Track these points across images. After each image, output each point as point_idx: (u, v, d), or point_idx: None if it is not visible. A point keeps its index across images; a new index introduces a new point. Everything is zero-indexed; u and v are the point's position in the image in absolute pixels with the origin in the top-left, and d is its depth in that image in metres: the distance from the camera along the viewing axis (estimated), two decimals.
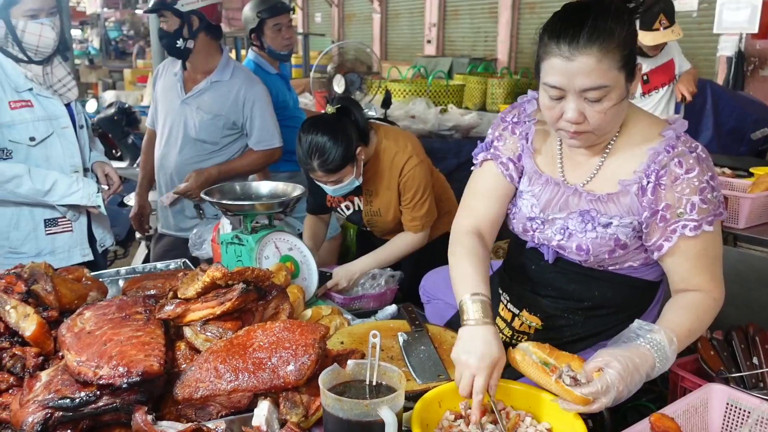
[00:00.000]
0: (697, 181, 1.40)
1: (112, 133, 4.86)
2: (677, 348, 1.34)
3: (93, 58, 17.86)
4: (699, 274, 1.45)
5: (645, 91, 3.63)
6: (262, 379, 1.32)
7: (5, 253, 2.30)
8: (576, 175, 1.54)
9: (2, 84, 2.20)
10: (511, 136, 1.63)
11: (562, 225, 1.54)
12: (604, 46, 1.31)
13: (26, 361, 1.40)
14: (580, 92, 1.34)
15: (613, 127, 1.45)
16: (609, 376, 1.24)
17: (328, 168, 2.20)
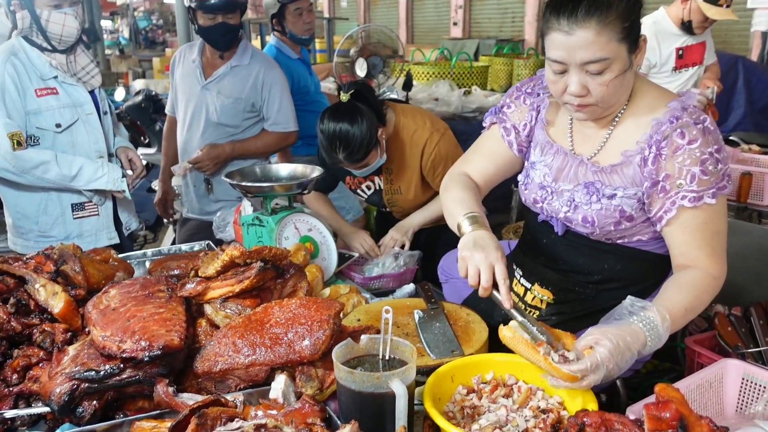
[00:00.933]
0: (699, 152, 1.38)
1: (140, 120, 4.95)
2: (672, 326, 1.32)
3: (123, 48, 18.11)
4: (698, 247, 1.42)
5: (677, 66, 3.58)
6: (278, 353, 1.36)
7: (35, 236, 2.39)
8: (585, 147, 1.56)
9: (28, 73, 2.27)
10: (521, 105, 1.67)
11: (569, 197, 1.56)
12: (602, 18, 1.32)
13: (55, 336, 1.46)
14: (581, 65, 1.36)
15: (619, 99, 1.45)
16: (599, 354, 1.22)
17: (355, 158, 2.25)
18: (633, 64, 1.41)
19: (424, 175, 2.46)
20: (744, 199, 2.40)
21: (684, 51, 3.59)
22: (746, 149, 3.07)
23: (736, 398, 1.44)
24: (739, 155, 2.69)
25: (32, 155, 2.26)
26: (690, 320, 1.43)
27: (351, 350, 1.32)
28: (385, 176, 2.48)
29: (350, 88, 2.31)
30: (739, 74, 5.11)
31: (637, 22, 1.38)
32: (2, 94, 2.22)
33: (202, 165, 2.89)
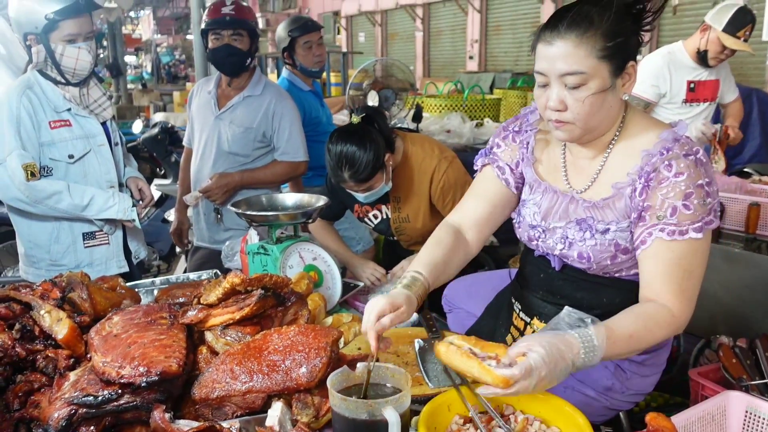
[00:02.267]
0: (684, 186, 1.36)
1: (156, 152, 5.05)
2: (612, 348, 1.29)
3: (146, 82, 18.53)
4: (664, 282, 1.39)
5: (688, 98, 3.58)
6: (275, 380, 1.36)
7: (47, 265, 2.44)
8: (578, 180, 1.55)
9: (43, 105, 2.34)
10: (511, 144, 1.67)
11: (562, 234, 1.54)
12: (582, 32, 1.35)
13: (58, 362, 1.48)
14: (560, 77, 1.38)
15: (600, 122, 1.44)
16: (531, 359, 1.20)
17: (360, 178, 2.27)
18: (617, 88, 1.41)
19: (434, 202, 2.48)
20: (752, 230, 2.38)
21: (696, 85, 3.58)
22: (757, 180, 3.06)
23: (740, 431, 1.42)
24: (747, 186, 2.68)
25: (45, 186, 2.31)
26: (636, 350, 1.39)
27: (347, 378, 1.32)
28: (393, 204, 2.50)
29: (362, 112, 2.36)
30: (754, 106, 5.09)
31: (625, 46, 1.38)
32: (18, 127, 2.29)
33: (211, 194, 2.93)
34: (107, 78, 13.78)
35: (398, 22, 15.63)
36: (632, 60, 1.41)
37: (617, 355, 1.36)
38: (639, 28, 1.42)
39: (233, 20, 2.89)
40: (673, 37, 5.87)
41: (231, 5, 2.91)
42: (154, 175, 5.61)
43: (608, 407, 1.65)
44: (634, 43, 1.41)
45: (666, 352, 1.69)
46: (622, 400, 1.64)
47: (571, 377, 1.56)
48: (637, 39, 1.42)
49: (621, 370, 1.63)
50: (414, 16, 14.55)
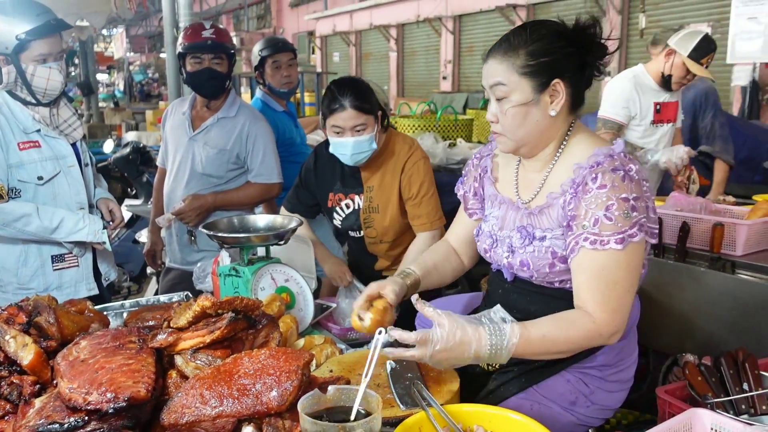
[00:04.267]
0: (606, 197, 1.45)
1: (127, 172, 5.00)
2: (525, 346, 1.42)
3: (118, 101, 18.37)
4: (588, 291, 1.47)
5: (655, 120, 3.67)
6: (245, 404, 1.35)
7: (14, 289, 2.39)
8: (526, 193, 1.66)
9: (11, 126, 2.31)
10: (472, 171, 1.87)
11: (509, 243, 1.65)
12: (507, 51, 1.54)
13: (23, 389, 1.45)
14: (490, 88, 1.57)
15: (527, 134, 1.57)
16: (432, 333, 1.40)
17: (358, 105, 2.33)
18: (542, 104, 1.54)
19: (402, 192, 2.53)
20: (717, 250, 2.43)
21: (661, 106, 3.68)
22: (721, 201, 3.13)
23: None
24: (712, 207, 2.74)
25: (14, 208, 2.28)
26: (554, 353, 1.49)
27: (318, 401, 1.32)
28: (366, 194, 2.55)
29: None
30: None
31: (549, 64, 1.51)
32: None
33: (184, 216, 2.91)
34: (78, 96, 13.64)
35: (372, 43, 15.77)
36: (559, 78, 1.53)
37: (534, 354, 1.48)
38: (581, 51, 1.53)
39: (215, 44, 2.90)
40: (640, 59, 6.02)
41: (211, 29, 2.93)
42: (125, 195, 5.55)
43: (577, 423, 1.68)
44: (568, 65, 1.52)
45: (632, 368, 1.73)
46: (589, 415, 1.67)
47: (533, 392, 1.62)
48: (575, 61, 1.53)
49: (583, 384, 1.67)
50: (388, 36, 14.70)
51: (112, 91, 22.14)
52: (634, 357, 1.74)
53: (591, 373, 1.66)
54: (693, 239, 2.56)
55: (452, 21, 12.68)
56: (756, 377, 1.68)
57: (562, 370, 1.65)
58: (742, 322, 2.32)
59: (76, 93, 14.12)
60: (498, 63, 1.55)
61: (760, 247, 2.51)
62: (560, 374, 1.66)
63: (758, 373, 1.69)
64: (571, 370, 1.66)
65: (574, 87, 1.56)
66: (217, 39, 2.90)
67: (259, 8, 20.77)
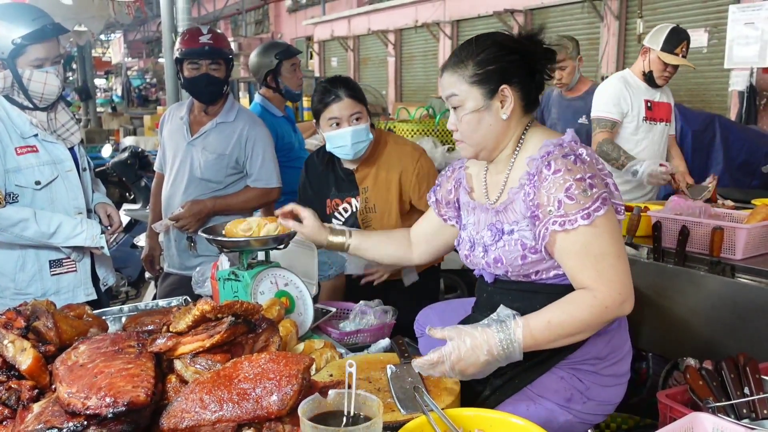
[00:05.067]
0: (563, 180, 1.52)
1: (125, 176, 4.99)
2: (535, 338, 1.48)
3: (116, 106, 18.38)
4: (581, 271, 1.52)
5: (647, 116, 3.71)
6: (246, 409, 1.35)
7: (12, 294, 2.38)
8: (493, 193, 1.74)
9: (8, 131, 2.31)
10: (446, 182, 1.95)
11: (484, 243, 1.70)
12: (456, 63, 1.66)
13: (21, 393, 1.45)
14: (447, 99, 1.69)
15: (482, 138, 1.67)
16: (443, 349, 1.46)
17: (352, 94, 2.42)
18: (493, 108, 1.64)
19: (407, 192, 2.58)
20: (716, 254, 2.43)
21: (652, 104, 3.72)
22: (720, 204, 3.13)
23: None
24: (711, 210, 2.74)
25: (11, 213, 2.27)
26: (565, 336, 1.52)
27: (318, 405, 1.31)
28: (362, 195, 2.58)
29: None
30: (717, 132, 5.22)
31: (495, 72, 1.62)
32: None
33: (183, 222, 2.90)
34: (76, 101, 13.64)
35: (370, 48, 15.78)
36: (506, 84, 1.63)
37: (546, 343, 1.51)
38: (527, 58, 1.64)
39: (212, 50, 2.89)
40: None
41: (208, 34, 2.92)
42: (124, 199, 5.54)
43: (576, 421, 1.67)
44: (514, 71, 1.63)
45: (626, 360, 1.73)
46: (588, 412, 1.68)
47: (529, 392, 1.61)
48: (521, 68, 1.63)
49: (577, 380, 1.67)
50: (386, 41, 14.71)
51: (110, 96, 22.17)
52: (627, 349, 1.74)
53: (583, 368, 1.68)
54: (692, 243, 2.56)
55: (450, 26, 12.70)
56: (757, 381, 1.67)
57: (553, 366, 1.67)
58: (742, 325, 2.32)
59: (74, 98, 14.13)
60: (450, 75, 1.67)
61: (759, 251, 2.51)
62: (552, 371, 1.66)
63: (759, 377, 1.69)
64: (562, 366, 1.67)
65: (523, 91, 1.66)
66: (214, 44, 2.89)
67: (257, 13, 20.80)
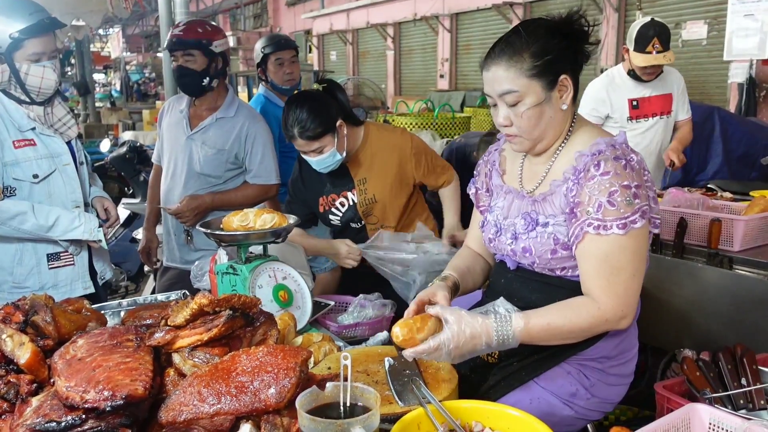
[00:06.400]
0: (609, 184, 1.48)
1: (124, 171, 4.99)
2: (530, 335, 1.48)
3: (115, 101, 18.34)
4: (593, 277, 1.51)
5: (632, 116, 3.65)
6: (243, 402, 1.35)
7: (9, 288, 2.38)
8: (530, 183, 1.70)
9: (6, 125, 2.30)
10: (481, 167, 1.90)
11: (513, 230, 1.67)
12: (511, 57, 1.55)
13: (20, 387, 1.45)
14: (499, 97, 1.58)
15: (543, 132, 1.60)
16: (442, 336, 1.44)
17: (308, 135, 2.40)
18: (554, 100, 1.57)
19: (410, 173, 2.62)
20: (714, 246, 2.44)
21: (639, 102, 3.66)
22: (719, 197, 3.13)
23: None
24: (710, 203, 2.74)
25: (9, 206, 2.27)
26: (560, 339, 1.52)
27: (316, 398, 1.32)
28: (359, 188, 2.58)
29: (324, 83, 2.61)
30: (716, 124, 5.22)
31: (554, 62, 1.54)
32: None
33: (182, 216, 2.90)
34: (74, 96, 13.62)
35: (369, 41, 15.75)
36: (565, 73, 1.56)
37: (541, 341, 1.53)
38: (574, 43, 1.56)
39: (179, 41, 2.88)
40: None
41: (182, 26, 2.93)
42: (122, 194, 5.54)
43: (576, 417, 1.68)
44: (567, 58, 1.55)
45: (632, 362, 1.73)
46: (588, 408, 1.68)
47: (534, 385, 1.62)
48: (572, 53, 1.57)
49: (584, 376, 1.68)
50: (385, 35, 14.68)
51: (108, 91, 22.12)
52: (635, 352, 1.75)
53: (591, 365, 1.68)
54: (690, 235, 2.56)
55: (449, 19, 12.66)
56: (754, 372, 1.68)
57: (561, 361, 1.66)
58: (740, 317, 2.32)
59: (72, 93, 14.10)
60: (504, 70, 1.55)
61: (757, 243, 2.52)
62: (560, 366, 1.67)
63: (756, 368, 1.69)
64: (571, 362, 1.66)
65: (574, 78, 1.59)
66: (183, 36, 2.87)
67: (255, 7, 20.73)
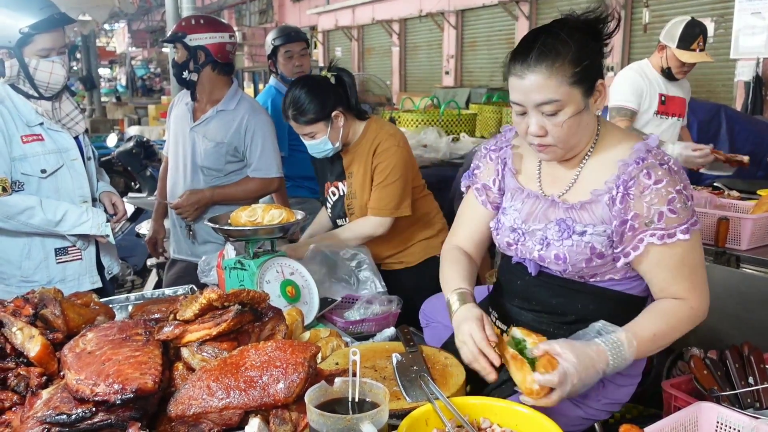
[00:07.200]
0: (665, 192, 1.45)
1: (131, 166, 5.01)
2: (639, 350, 1.43)
3: (120, 96, 18.38)
4: (677, 283, 1.50)
5: (659, 110, 3.69)
6: (252, 396, 1.36)
7: (18, 282, 2.39)
8: (554, 187, 1.63)
9: (14, 119, 2.31)
10: (488, 163, 1.77)
11: (542, 235, 1.60)
12: (551, 63, 1.43)
13: (30, 380, 1.46)
14: (536, 107, 1.47)
15: (579, 140, 1.53)
16: (565, 367, 1.32)
17: (300, 120, 2.44)
18: (590, 107, 1.50)
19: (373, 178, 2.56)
20: (722, 244, 2.43)
21: (666, 99, 3.70)
22: (726, 195, 3.13)
23: None
24: (717, 201, 2.74)
25: (17, 201, 2.28)
26: (662, 347, 1.50)
27: (325, 393, 1.32)
28: (348, 180, 2.59)
29: (335, 71, 2.57)
30: (722, 123, 5.21)
31: (591, 67, 1.46)
32: None
33: (182, 211, 2.91)
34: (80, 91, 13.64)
35: (375, 37, 15.74)
36: (600, 78, 1.48)
37: (646, 354, 1.49)
38: (601, 46, 1.50)
39: (169, 35, 3.00)
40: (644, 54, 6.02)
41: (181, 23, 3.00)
42: (129, 188, 5.55)
43: (584, 417, 1.68)
44: (599, 63, 1.49)
45: (642, 363, 1.73)
46: (598, 409, 1.67)
47: None
48: (601, 58, 1.50)
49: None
50: (390, 31, 14.67)
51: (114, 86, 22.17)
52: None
53: None
54: None
55: (455, 16, 12.65)
56: (762, 371, 1.68)
57: None
58: (747, 316, 2.32)
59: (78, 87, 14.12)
60: (545, 78, 1.43)
61: (764, 242, 2.51)
62: None
63: (764, 367, 1.69)
64: None
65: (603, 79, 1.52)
66: (173, 30, 3.00)
67: (261, 3, 20.72)
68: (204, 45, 2.91)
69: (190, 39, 2.90)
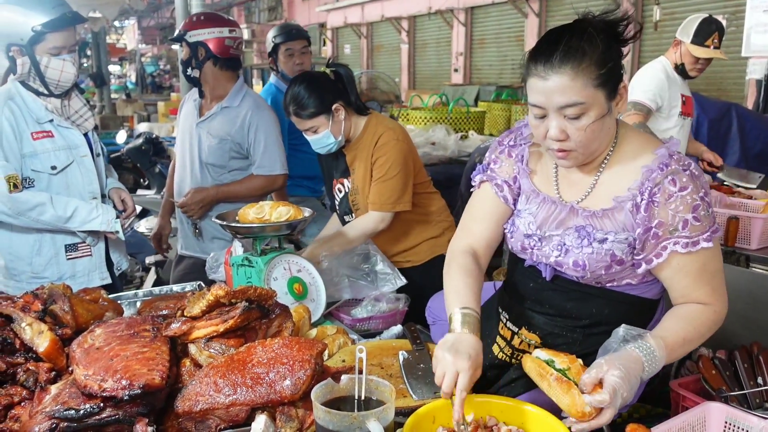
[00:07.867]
0: (690, 199, 1.42)
1: (140, 162, 5.02)
2: (670, 355, 1.40)
3: (130, 92, 18.45)
4: (699, 288, 1.48)
5: (683, 111, 3.65)
6: (259, 393, 1.36)
7: (28, 278, 2.41)
8: (571, 192, 1.57)
9: (24, 116, 2.33)
10: (507, 159, 1.68)
11: (559, 241, 1.55)
12: (576, 65, 1.37)
13: (39, 375, 1.47)
14: (559, 110, 1.40)
15: (600, 145, 1.47)
16: (613, 381, 1.27)
17: (301, 115, 2.45)
18: (613, 111, 1.44)
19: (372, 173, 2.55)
20: (731, 243, 2.42)
21: (686, 99, 3.67)
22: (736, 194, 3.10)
23: None
24: (727, 200, 2.72)
25: (28, 197, 2.30)
26: (688, 351, 1.49)
27: (331, 390, 1.32)
28: (352, 176, 2.59)
29: (334, 67, 2.57)
30: (733, 121, 5.17)
31: (615, 69, 1.41)
32: (0, 138, 2.27)
33: (187, 209, 2.92)
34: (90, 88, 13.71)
35: (384, 35, 15.73)
36: (622, 81, 1.44)
37: (673, 360, 1.46)
38: (622, 48, 1.45)
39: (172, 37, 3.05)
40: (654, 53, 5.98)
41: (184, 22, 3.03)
42: (138, 185, 5.58)
43: None
44: (621, 65, 1.44)
45: None
46: None
47: None
48: (621, 58, 1.45)
49: None
50: (399, 28, 14.66)
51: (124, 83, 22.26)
52: None
53: None
54: None
55: (464, 13, 12.62)
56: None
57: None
58: (756, 315, 2.30)
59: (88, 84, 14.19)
60: (571, 80, 1.37)
61: None
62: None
63: None
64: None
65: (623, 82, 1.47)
66: (179, 30, 3.03)
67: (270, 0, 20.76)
68: (203, 41, 2.91)
69: (190, 36, 2.92)
